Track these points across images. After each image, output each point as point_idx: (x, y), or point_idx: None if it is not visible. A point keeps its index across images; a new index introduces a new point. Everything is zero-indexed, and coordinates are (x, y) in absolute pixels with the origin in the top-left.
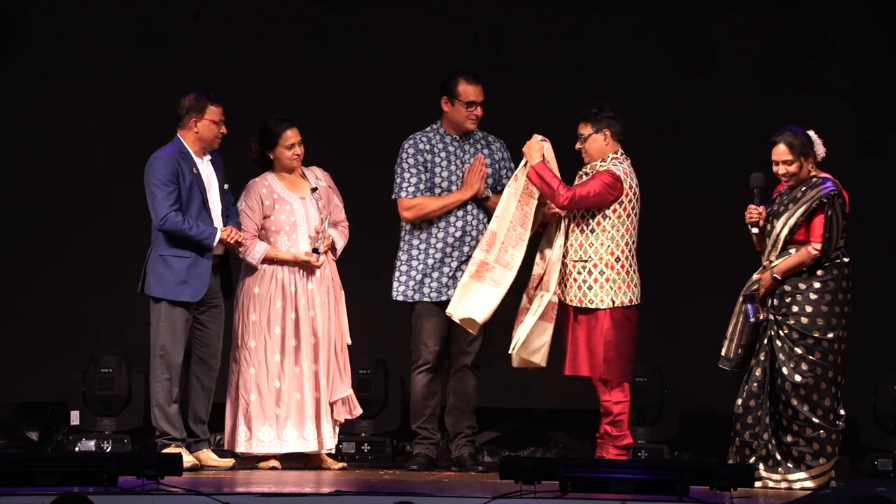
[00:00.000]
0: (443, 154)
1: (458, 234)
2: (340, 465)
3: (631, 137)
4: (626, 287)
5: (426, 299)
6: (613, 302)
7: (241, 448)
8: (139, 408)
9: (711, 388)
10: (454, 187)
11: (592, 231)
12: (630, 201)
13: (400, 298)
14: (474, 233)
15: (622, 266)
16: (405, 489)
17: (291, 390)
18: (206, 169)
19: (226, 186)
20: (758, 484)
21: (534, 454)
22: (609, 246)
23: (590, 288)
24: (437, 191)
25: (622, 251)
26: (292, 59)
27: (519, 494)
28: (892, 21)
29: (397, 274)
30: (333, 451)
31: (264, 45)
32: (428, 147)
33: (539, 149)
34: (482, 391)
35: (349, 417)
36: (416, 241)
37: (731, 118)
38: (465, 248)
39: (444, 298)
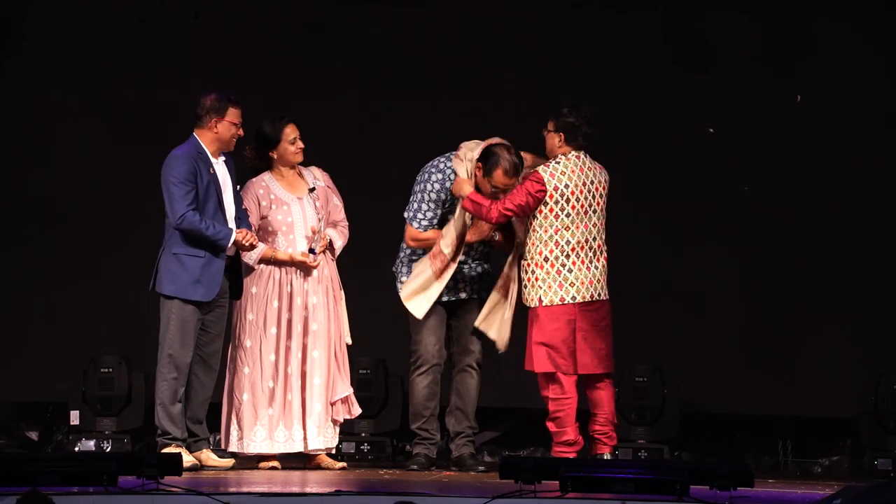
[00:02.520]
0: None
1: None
2: (340, 465)
3: (631, 137)
4: (558, 286)
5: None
6: (542, 301)
7: (232, 447)
8: (139, 408)
9: (711, 388)
10: None
11: (527, 232)
12: (557, 202)
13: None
14: (474, 254)
15: (552, 265)
16: (405, 489)
17: (283, 391)
18: (221, 169)
19: (238, 188)
20: None
21: (534, 454)
22: (538, 246)
23: (525, 287)
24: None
25: (550, 251)
26: (292, 58)
27: (519, 494)
28: (894, 19)
29: (398, 275)
30: (333, 451)
31: (264, 44)
32: (450, 187)
33: (466, 183)
34: (482, 391)
35: (348, 417)
36: (415, 256)
37: (731, 118)
38: (465, 269)
39: (444, 299)
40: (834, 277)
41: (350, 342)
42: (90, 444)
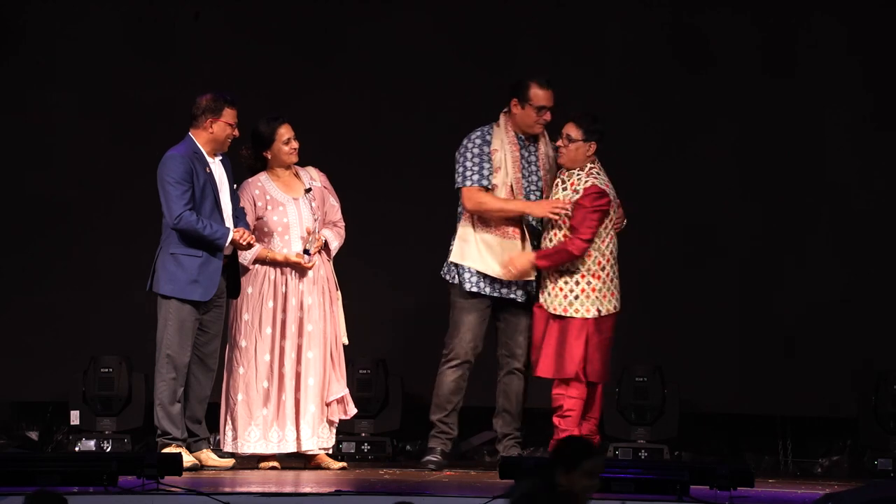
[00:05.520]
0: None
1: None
2: (340, 464)
3: (629, 137)
4: (611, 295)
5: (474, 289)
6: (599, 311)
7: (227, 448)
8: (139, 408)
9: (711, 388)
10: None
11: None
12: (611, 213)
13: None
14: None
15: (607, 275)
16: (405, 489)
17: (277, 391)
18: (217, 169)
19: (234, 187)
20: None
21: (534, 454)
22: (596, 256)
23: (576, 297)
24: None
25: (608, 260)
26: (292, 58)
27: None
28: (892, 19)
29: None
30: (331, 451)
31: (264, 43)
32: (491, 142)
33: (527, 263)
34: (482, 391)
35: (344, 417)
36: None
37: (731, 118)
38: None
39: (495, 294)
40: (834, 277)
41: (346, 342)
42: (90, 444)
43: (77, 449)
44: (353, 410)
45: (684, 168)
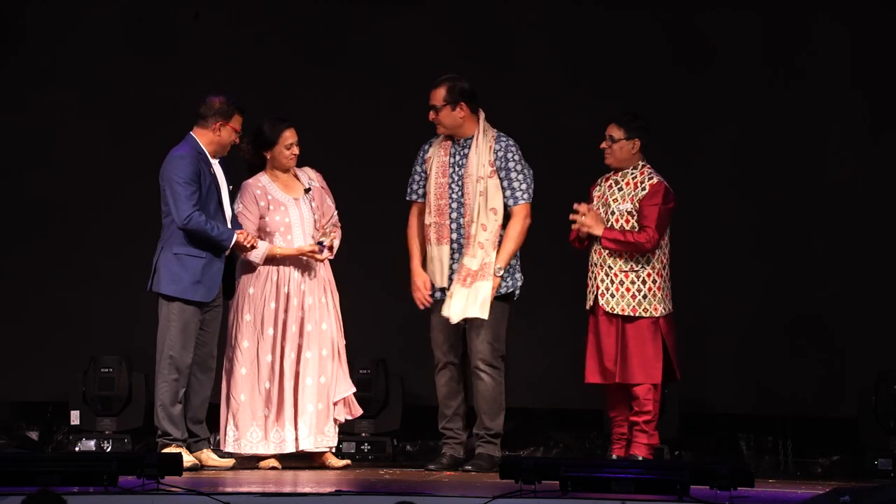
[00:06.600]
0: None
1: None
2: (343, 462)
3: None
4: (670, 293)
5: (436, 294)
6: (668, 309)
7: (229, 448)
8: (139, 408)
9: (711, 388)
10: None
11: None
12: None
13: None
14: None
15: (667, 273)
16: (405, 489)
17: (278, 391)
18: (218, 170)
19: (230, 188)
20: None
21: (534, 454)
22: (658, 255)
23: (644, 297)
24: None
25: (668, 258)
26: (292, 58)
27: (519, 494)
28: (892, 18)
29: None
30: (333, 450)
31: (264, 44)
32: (429, 150)
33: (596, 227)
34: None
35: (349, 418)
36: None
37: (731, 118)
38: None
39: (438, 297)
40: (833, 276)
41: (344, 342)
42: (90, 444)
43: (77, 449)
44: (357, 411)
45: (684, 168)
